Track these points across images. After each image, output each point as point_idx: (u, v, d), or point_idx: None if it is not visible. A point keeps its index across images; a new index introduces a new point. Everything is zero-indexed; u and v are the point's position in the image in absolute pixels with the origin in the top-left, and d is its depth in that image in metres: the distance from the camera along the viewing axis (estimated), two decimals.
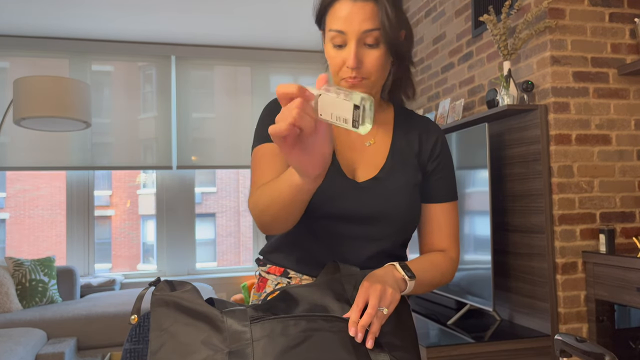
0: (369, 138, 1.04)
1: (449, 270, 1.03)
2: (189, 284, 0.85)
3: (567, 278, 2.16)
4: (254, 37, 4.52)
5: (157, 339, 0.78)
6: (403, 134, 1.05)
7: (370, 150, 1.03)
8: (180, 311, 0.79)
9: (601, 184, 2.22)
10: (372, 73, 0.95)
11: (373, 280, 0.83)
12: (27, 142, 4.23)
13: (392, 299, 0.82)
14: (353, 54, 0.92)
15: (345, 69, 0.94)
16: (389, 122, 1.06)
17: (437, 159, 1.05)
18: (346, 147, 1.03)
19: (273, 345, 0.74)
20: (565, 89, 2.21)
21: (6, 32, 4.19)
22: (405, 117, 1.07)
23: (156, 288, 0.84)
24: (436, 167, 1.05)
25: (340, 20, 0.92)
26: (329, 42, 0.96)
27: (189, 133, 4.60)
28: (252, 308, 0.80)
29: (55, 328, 3.31)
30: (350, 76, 0.94)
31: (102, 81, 4.47)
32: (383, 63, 0.96)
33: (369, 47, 0.93)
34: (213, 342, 0.75)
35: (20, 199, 12.81)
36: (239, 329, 0.75)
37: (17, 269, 3.63)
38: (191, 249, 4.63)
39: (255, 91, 4.79)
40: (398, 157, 1.02)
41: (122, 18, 3.99)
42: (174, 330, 0.78)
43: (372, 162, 1.02)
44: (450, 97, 3.04)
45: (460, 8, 2.94)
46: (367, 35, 0.92)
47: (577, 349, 1.16)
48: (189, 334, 0.77)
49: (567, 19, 2.24)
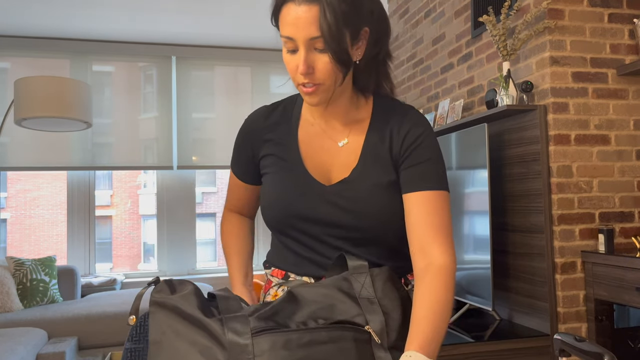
0: (342, 137, 1.01)
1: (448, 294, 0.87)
2: (189, 284, 0.83)
3: (567, 278, 2.16)
4: (254, 38, 4.53)
5: (155, 345, 0.77)
6: (377, 130, 1.00)
7: (343, 150, 1.00)
8: (179, 317, 0.78)
9: (600, 184, 2.23)
10: (326, 78, 0.91)
11: None
12: (28, 142, 4.24)
13: None
14: (302, 60, 0.90)
15: (298, 75, 0.92)
16: (365, 119, 1.02)
17: (409, 149, 0.96)
18: (318, 150, 1.01)
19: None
20: (565, 89, 2.22)
21: (7, 32, 4.20)
22: (385, 111, 1.02)
23: (155, 289, 0.83)
24: (409, 156, 0.96)
25: (288, 26, 0.89)
26: (284, 47, 0.94)
27: (189, 133, 4.61)
28: (255, 317, 0.78)
29: (56, 328, 3.31)
30: (304, 82, 0.92)
31: (102, 81, 4.48)
32: (334, 67, 0.91)
33: (320, 52, 0.90)
34: (213, 355, 0.74)
35: (21, 199, 12.82)
36: (240, 342, 0.74)
37: (18, 268, 3.64)
38: (192, 248, 4.64)
39: (255, 91, 4.80)
40: (370, 156, 0.98)
41: (122, 18, 3.99)
42: (172, 339, 0.76)
43: (344, 163, 0.99)
44: (449, 97, 3.05)
45: (460, 9, 2.94)
46: (315, 41, 0.89)
47: (577, 348, 1.17)
48: (189, 345, 0.75)
49: (567, 19, 2.24)
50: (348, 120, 1.02)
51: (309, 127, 1.03)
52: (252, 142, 1.07)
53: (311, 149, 1.01)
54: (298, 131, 1.03)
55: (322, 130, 1.02)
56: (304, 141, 1.02)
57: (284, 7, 0.89)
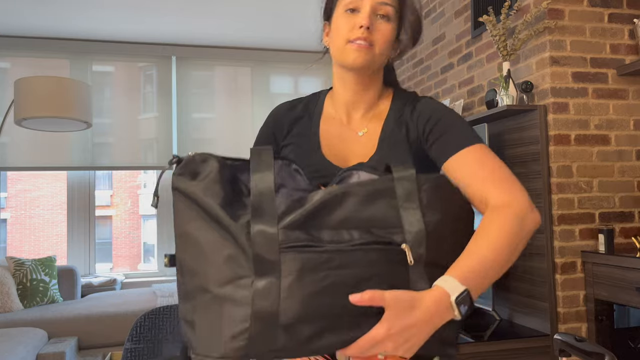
0: (362, 128, 1.01)
1: (511, 228, 0.78)
2: (212, 161, 0.74)
3: (567, 278, 2.16)
4: (254, 38, 4.53)
5: (181, 238, 0.72)
6: (394, 119, 1.00)
7: (362, 140, 1.01)
8: (201, 213, 0.71)
9: (600, 184, 2.23)
10: (379, 44, 0.95)
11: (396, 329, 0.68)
12: (28, 142, 4.24)
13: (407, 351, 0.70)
14: (367, 14, 0.93)
15: (356, 30, 0.94)
16: (384, 110, 1.03)
17: (427, 127, 0.95)
18: (337, 140, 1.02)
19: (304, 284, 0.66)
20: (565, 89, 2.22)
21: (7, 32, 4.20)
22: (402, 101, 1.03)
23: (176, 170, 0.75)
24: (430, 132, 0.94)
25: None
26: (341, 9, 0.97)
27: (189, 133, 4.61)
28: (286, 226, 0.69)
29: (56, 328, 3.32)
30: (359, 37, 0.93)
31: (102, 81, 4.48)
32: (391, 38, 0.96)
33: (381, 19, 0.95)
34: (237, 264, 0.68)
35: (21, 199, 12.83)
36: (266, 257, 0.67)
37: (18, 268, 3.64)
38: None
39: (255, 91, 4.80)
40: (387, 143, 0.98)
41: (122, 18, 3.99)
42: (196, 236, 0.71)
43: (362, 152, 0.99)
44: (449, 97, 3.05)
45: (460, 9, 2.95)
46: (381, 6, 0.94)
47: (577, 348, 1.17)
48: (213, 247, 0.69)
49: (567, 19, 2.24)
50: (369, 111, 1.03)
51: (330, 119, 1.05)
52: (275, 133, 1.08)
53: (331, 139, 1.02)
54: (320, 123, 1.05)
55: (343, 121, 1.03)
56: (325, 132, 1.03)
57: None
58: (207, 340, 0.68)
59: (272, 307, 0.66)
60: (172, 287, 3.97)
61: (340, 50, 0.97)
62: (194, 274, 0.70)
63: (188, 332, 0.71)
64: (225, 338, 0.67)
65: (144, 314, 1.36)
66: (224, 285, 0.68)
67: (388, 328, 0.67)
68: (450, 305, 0.71)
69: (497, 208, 0.81)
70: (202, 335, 0.69)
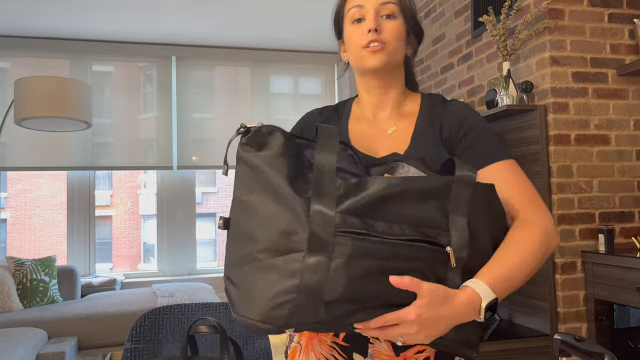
0: (391, 126, 1.04)
1: (539, 245, 0.83)
2: (278, 134, 0.76)
3: (567, 278, 2.16)
4: (254, 38, 4.53)
5: (240, 204, 0.75)
6: (426, 119, 1.03)
7: (392, 137, 1.02)
8: (265, 184, 0.74)
9: (600, 184, 2.23)
10: (391, 40, 0.98)
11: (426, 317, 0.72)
12: (28, 142, 4.24)
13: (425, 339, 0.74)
14: (372, 19, 0.97)
15: (366, 35, 0.98)
16: (413, 110, 1.06)
17: (460, 131, 0.98)
18: (367, 138, 1.03)
19: (351, 268, 0.70)
20: (565, 89, 2.22)
21: (7, 32, 4.20)
22: (431, 104, 1.05)
23: (242, 141, 0.77)
24: (463, 138, 0.97)
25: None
26: (348, 22, 1.01)
27: (189, 133, 4.61)
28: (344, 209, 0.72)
29: (56, 328, 3.32)
30: (371, 40, 0.97)
31: (102, 81, 4.48)
32: (401, 33, 1.00)
33: (386, 18, 0.99)
34: (293, 238, 0.71)
35: (21, 199, 12.83)
36: (322, 236, 0.70)
37: (18, 268, 3.64)
38: (192, 248, 4.64)
39: (255, 91, 4.80)
40: (421, 139, 1.00)
41: (122, 19, 3.99)
42: (256, 205, 0.74)
43: (394, 147, 1.01)
44: (449, 97, 3.05)
45: (460, 9, 2.95)
46: (384, 7, 0.98)
47: (577, 348, 1.16)
48: (271, 217, 0.72)
49: (567, 19, 2.24)
50: (397, 112, 1.05)
51: (358, 121, 1.07)
52: (303, 133, 1.10)
53: (360, 137, 1.04)
54: (348, 122, 1.07)
55: (371, 122, 1.06)
56: (354, 131, 1.05)
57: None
58: (250, 304, 0.72)
59: (319, 284, 0.69)
60: (172, 287, 3.98)
61: (357, 57, 1.01)
62: (248, 240, 0.74)
63: (231, 291, 0.75)
64: (268, 305, 0.70)
65: (144, 314, 1.36)
66: (276, 255, 0.71)
67: (418, 314, 0.71)
68: (479, 309, 0.75)
69: (526, 223, 0.86)
70: (246, 298, 0.72)
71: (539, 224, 0.86)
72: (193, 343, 1.28)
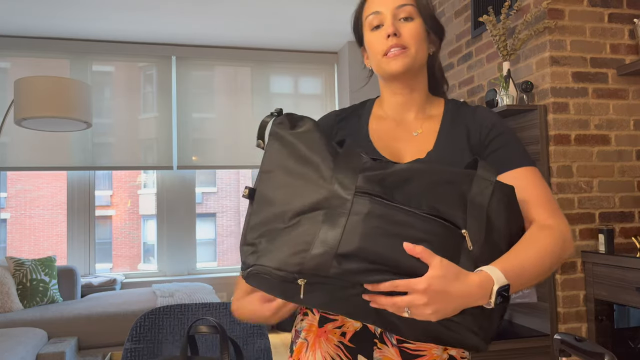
0: (417, 128, 1.04)
1: (555, 246, 0.85)
2: (308, 120, 0.84)
3: (567, 278, 2.16)
4: (254, 38, 4.53)
5: (266, 174, 0.81)
6: (452, 122, 1.04)
7: (417, 139, 1.03)
8: (293, 155, 0.81)
9: (600, 184, 2.23)
10: (411, 43, 0.98)
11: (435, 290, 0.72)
12: (28, 142, 4.24)
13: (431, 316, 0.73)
14: (390, 24, 0.97)
15: (385, 41, 0.98)
16: (437, 114, 1.06)
17: (489, 135, 1.00)
18: (390, 139, 1.03)
19: (367, 225, 0.74)
20: (565, 89, 2.22)
21: (7, 32, 4.20)
22: (455, 109, 1.07)
23: (276, 120, 0.85)
24: (492, 141, 0.99)
25: (375, 3, 1.00)
26: (367, 30, 1.01)
27: (189, 133, 4.61)
28: (364, 176, 0.77)
29: (56, 328, 3.32)
30: (391, 45, 0.97)
31: (102, 81, 4.48)
32: (420, 34, 1.00)
33: (404, 21, 0.99)
34: (317, 197, 0.76)
35: (21, 199, 12.83)
36: (342, 195, 0.76)
37: (18, 268, 3.64)
38: (192, 248, 4.64)
39: (255, 91, 4.80)
40: (446, 141, 1.01)
41: (122, 18, 3.99)
42: (282, 173, 0.80)
43: (419, 148, 1.01)
44: (449, 97, 3.05)
45: (460, 9, 2.94)
46: (401, 10, 0.98)
47: (577, 348, 1.16)
48: (295, 181, 0.78)
49: (567, 19, 2.24)
50: (421, 115, 1.05)
51: (380, 121, 1.07)
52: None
53: (383, 138, 1.04)
54: (369, 125, 1.07)
55: (395, 123, 1.06)
56: (375, 132, 1.05)
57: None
58: (267, 255, 0.75)
59: (336, 236, 0.73)
60: (172, 287, 3.98)
61: (380, 64, 1.00)
62: (271, 204, 0.79)
63: (247, 253, 0.78)
64: (285, 254, 0.74)
65: (144, 314, 1.36)
66: (299, 215, 0.76)
67: (429, 284, 0.71)
68: (490, 292, 0.75)
69: (545, 226, 0.87)
70: (264, 253, 0.76)
71: (557, 229, 0.87)
72: (193, 343, 1.28)
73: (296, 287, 0.74)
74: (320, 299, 0.77)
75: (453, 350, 0.95)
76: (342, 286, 0.74)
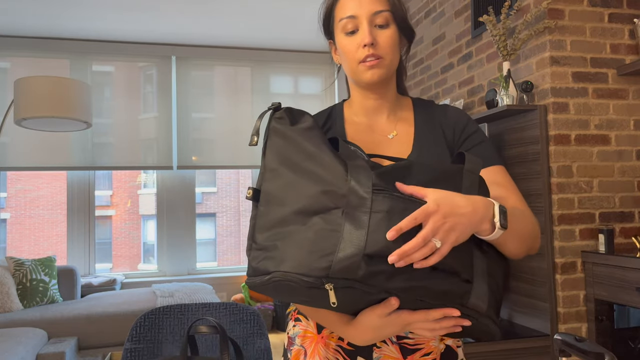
0: (391, 131, 1.04)
1: (535, 224, 0.90)
2: (308, 116, 0.81)
3: (567, 278, 2.16)
4: (254, 38, 4.53)
5: (271, 172, 0.78)
6: (425, 122, 1.04)
7: (394, 142, 1.03)
8: (299, 151, 0.78)
9: (600, 184, 2.23)
10: (387, 53, 0.96)
11: (445, 206, 0.73)
12: (27, 142, 4.24)
13: (456, 236, 0.73)
14: (367, 32, 0.94)
15: (361, 50, 0.95)
16: (408, 115, 1.06)
17: (462, 135, 1.02)
18: (368, 143, 1.03)
19: (389, 223, 0.71)
20: (565, 89, 2.22)
21: (7, 32, 4.20)
22: (424, 109, 1.07)
23: (275, 115, 0.81)
24: (465, 141, 1.02)
25: (350, 6, 0.96)
26: (341, 33, 0.98)
27: (189, 133, 4.61)
28: (376, 174, 0.76)
29: (56, 328, 3.32)
30: (367, 55, 0.95)
31: (102, 81, 4.48)
32: (396, 42, 0.98)
33: (380, 28, 0.96)
34: (331, 196, 0.74)
35: (21, 199, 12.83)
36: (361, 193, 0.73)
37: (17, 268, 3.64)
38: (191, 248, 4.64)
39: (255, 91, 4.80)
40: (424, 143, 1.01)
41: (122, 19, 3.99)
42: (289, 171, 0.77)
43: (397, 152, 1.01)
44: (449, 97, 3.05)
45: (460, 9, 2.94)
46: (377, 16, 0.95)
47: (577, 348, 1.16)
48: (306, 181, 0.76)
49: (567, 19, 2.24)
50: (392, 117, 1.05)
51: (354, 126, 1.06)
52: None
53: (360, 143, 1.03)
54: (345, 127, 1.06)
55: (368, 127, 1.05)
56: (353, 138, 1.04)
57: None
58: (286, 260, 0.72)
59: (362, 236, 0.71)
60: (172, 287, 3.98)
61: (354, 71, 0.98)
62: (281, 204, 0.76)
63: (260, 258, 0.74)
64: (311, 257, 0.71)
65: (144, 314, 1.36)
66: (314, 215, 0.73)
67: (437, 204, 0.72)
68: (493, 211, 0.78)
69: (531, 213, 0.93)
70: (285, 258, 0.72)
71: (524, 210, 0.92)
72: (193, 343, 1.28)
73: (323, 292, 0.71)
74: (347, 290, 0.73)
75: (449, 340, 0.97)
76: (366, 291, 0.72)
